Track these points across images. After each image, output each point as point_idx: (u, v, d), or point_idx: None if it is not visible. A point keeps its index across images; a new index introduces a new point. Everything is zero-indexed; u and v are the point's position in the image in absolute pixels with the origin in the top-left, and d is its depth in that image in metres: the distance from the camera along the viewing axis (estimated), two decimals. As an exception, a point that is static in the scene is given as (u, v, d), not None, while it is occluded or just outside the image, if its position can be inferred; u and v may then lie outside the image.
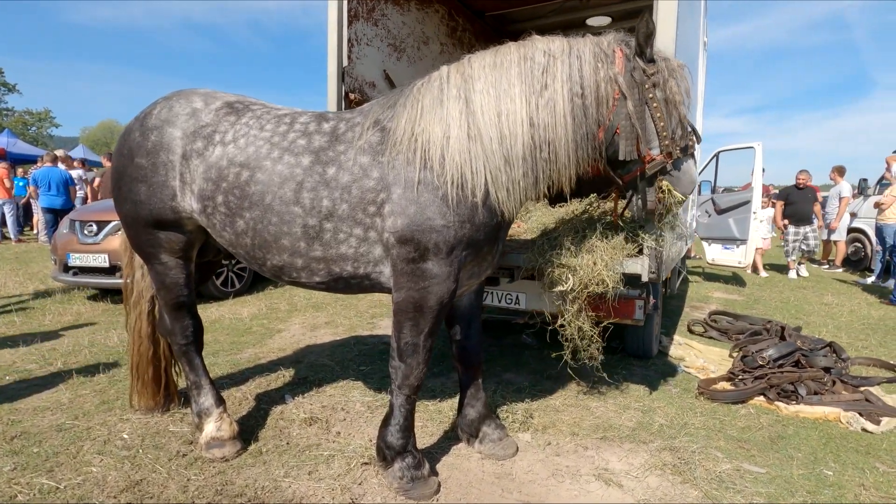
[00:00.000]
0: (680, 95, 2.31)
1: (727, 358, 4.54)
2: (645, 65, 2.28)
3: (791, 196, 9.34)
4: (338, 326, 5.41)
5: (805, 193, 9.27)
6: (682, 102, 2.33)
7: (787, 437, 3.10)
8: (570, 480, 2.62)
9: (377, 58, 4.42)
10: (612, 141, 2.34)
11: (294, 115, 2.56)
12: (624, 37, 2.37)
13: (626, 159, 2.34)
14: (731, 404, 3.53)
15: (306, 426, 3.11)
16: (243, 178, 2.41)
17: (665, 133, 2.30)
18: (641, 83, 2.28)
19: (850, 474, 2.70)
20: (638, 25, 2.25)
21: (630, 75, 2.28)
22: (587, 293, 2.87)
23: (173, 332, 2.82)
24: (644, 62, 2.29)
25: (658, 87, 2.28)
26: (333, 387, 3.74)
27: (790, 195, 9.36)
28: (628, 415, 3.36)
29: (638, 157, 2.33)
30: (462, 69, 2.38)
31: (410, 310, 2.35)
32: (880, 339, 5.24)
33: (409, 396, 2.47)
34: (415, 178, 2.23)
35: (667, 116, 2.30)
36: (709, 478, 2.63)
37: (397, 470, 2.44)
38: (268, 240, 2.43)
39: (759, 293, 7.65)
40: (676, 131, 2.33)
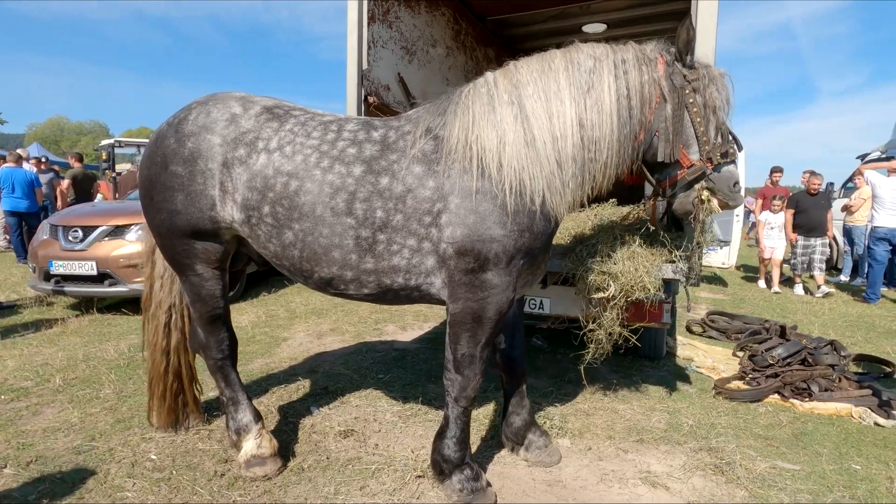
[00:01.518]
0: (720, 101, 2.34)
1: (731, 357, 4.70)
2: (686, 70, 2.33)
3: (802, 203, 8.18)
4: (344, 333, 5.30)
5: (818, 200, 8.17)
6: (722, 109, 2.36)
7: (808, 433, 3.24)
8: (618, 485, 2.65)
9: (391, 60, 4.36)
10: (650, 143, 2.37)
11: (340, 121, 2.49)
12: (665, 45, 2.42)
13: (665, 161, 2.35)
14: (748, 403, 3.66)
15: (341, 439, 3.03)
16: (292, 188, 2.31)
17: (705, 138, 2.33)
18: (682, 88, 2.31)
19: (877, 468, 2.84)
20: (679, 32, 2.31)
21: (671, 79, 2.31)
22: (627, 299, 2.91)
23: (208, 347, 2.69)
24: (685, 68, 2.34)
25: (698, 93, 2.32)
26: (357, 397, 3.66)
27: (800, 202, 8.20)
28: (656, 416, 3.43)
29: (676, 160, 2.35)
30: (510, 75, 2.36)
31: (469, 321, 2.31)
32: (864, 336, 5.55)
33: (466, 408, 2.44)
34: (472, 186, 2.19)
35: (706, 122, 2.33)
36: (750, 477, 2.71)
37: (456, 482, 2.40)
38: (318, 252, 2.34)
39: (743, 293, 7.98)
40: (717, 137, 2.36)
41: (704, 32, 2.87)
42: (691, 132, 2.33)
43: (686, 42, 2.31)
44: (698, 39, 2.80)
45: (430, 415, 3.37)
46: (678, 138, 2.33)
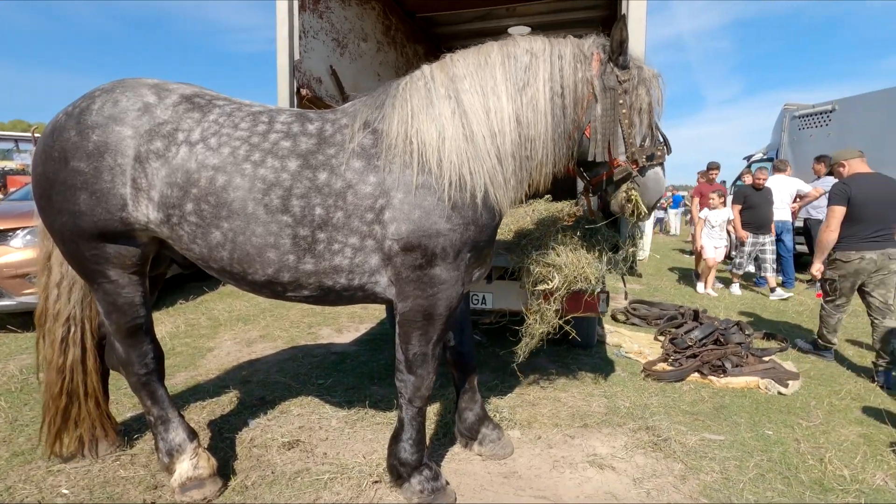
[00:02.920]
0: (650, 103, 2.37)
1: (653, 341, 5.06)
2: (619, 70, 2.33)
3: (750, 198, 7.65)
4: (276, 339, 5.01)
5: (765, 195, 7.66)
6: (652, 111, 2.40)
7: (727, 406, 3.56)
8: (569, 470, 2.73)
9: (323, 52, 4.17)
10: (581, 142, 2.38)
11: (271, 112, 2.32)
12: (604, 41, 2.39)
13: (594, 161, 2.36)
14: (674, 382, 3.96)
15: (286, 450, 2.85)
16: (219, 184, 2.12)
17: (632, 140, 2.35)
18: (613, 88, 2.31)
19: (784, 431, 3.19)
20: (613, 32, 2.29)
21: (603, 79, 2.31)
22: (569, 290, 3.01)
23: (129, 362, 2.40)
24: (618, 68, 2.33)
25: (629, 94, 2.33)
26: (298, 405, 3.47)
27: (748, 197, 7.68)
28: (596, 401, 3.59)
29: (605, 160, 2.36)
30: (446, 69, 2.31)
31: (419, 319, 2.26)
32: (758, 317, 6.23)
33: (420, 409, 2.39)
34: (415, 181, 2.13)
35: (634, 123, 2.35)
36: (684, 450, 2.92)
37: (416, 484, 2.35)
38: (250, 253, 2.17)
39: (656, 282, 8.63)
40: (645, 139, 2.40)
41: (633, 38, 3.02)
42: (620, 133, 2.34)
43: (620, 42, 2.30)
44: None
45: (377, 418, 3.28)
46: (606, 138, 2.33)
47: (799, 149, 9.93)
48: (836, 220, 4.36)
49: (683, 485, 2.60)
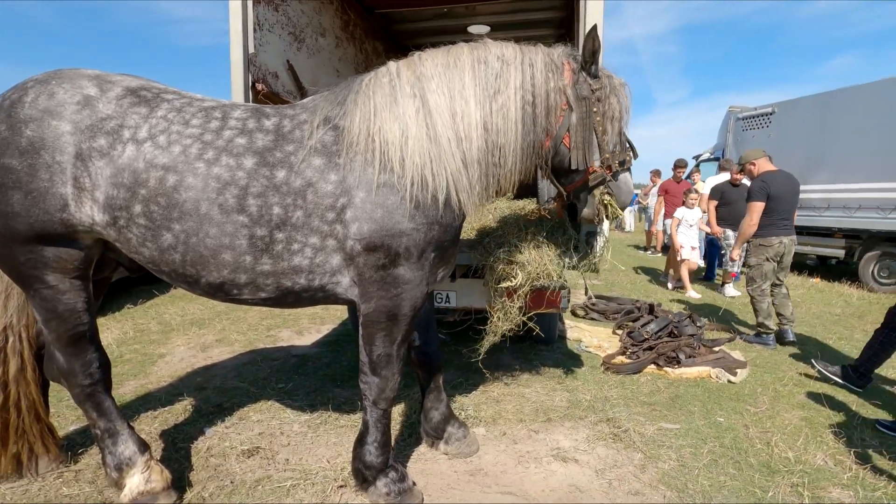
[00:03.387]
0: (621, 112, 2.44)
1: (612, 335, 5.21)
2: (591, 80, 2.38)
3: (727, 194, 7.54)
4: (233, 343, 4.83)
5: (741, 191, 7.31)
6: (622, 119, 2.46)
7: (681, 395, 3.71)
8: (534, 465, 2.77)
9: (280, 46, 4.05)
10: (558, 150, 2.41)
11: (224, 108, 2.22)
12: (571, 51, 2.44)
13: (575, 168, 2.41)
14: (632, 374, 4.08)
15: (246, 458, 2.75)
16: (170, 184, 2.02)
17: (605, 147, 2.41)
18: (587, 97, 2.36)
19: (734, 418, 3.35)
20: (585, 41, 2.35)
21: (576, 89, 2.35)
22: (532, 287, 3.05)
23: (72, 373, 2.25)
24: (590, 77, 2.39)
25: (601, 102, 2.38)
26: (257, 411, 3.36)
27: (725, 193, 7.57)
28: (558, 396, 3.66)
29: (582, 168, 2.40)
30: (413, 67, 2.28)
31: (383, 319, 2.23)
32: (708, 310, 6.53)
33: (385, 410, 2.35)
34: (377, 180, 2.09)
35: (607, 131, 2.41)
36: (643, 440, 3.02)
37: (382, 487, 2.31)
38: (204, 255, 2.07)
39: (613, 278, 8.89)
40: (616, 146, 2.45)
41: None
42: (595, 141, 2.38)
43: (592, 52, 2.34)
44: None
45: (341, 421, 3.22)
46: (582, 146, 2.37)
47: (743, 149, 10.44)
48: (758, 213, 5.00)
49: (643, 474, 2.68)
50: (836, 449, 2.97)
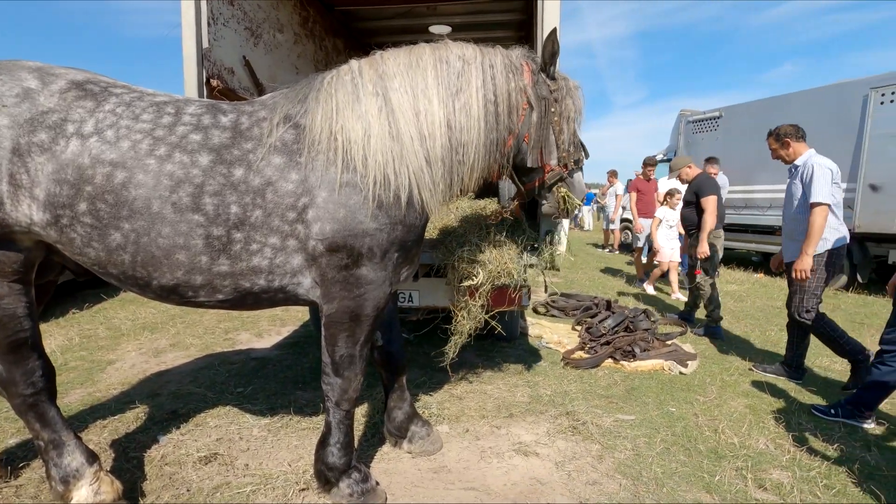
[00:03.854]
0: (576, 113, 2.54)
1: (571, 331, 5.35)
2: (549, 81, 2.47)
3: None
4: (188, 348, 4.67)
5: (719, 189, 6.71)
6: (577, 119, 2.56)
7: (637, 388, 3.85)
8: (496, 460, 2.82)
9: (235, 41, 3.94)
10: (520, 149, 2.48)
11: (178, 103, 2.16)
12: (529, 53, 2.52)
13: (533, 167, 2.50)
14: (590, 369, 4.21)
15: (203, 465, 2.68)
16: (118, 181, 1.94)
17: (563, 146, 2.50)
18: (545, 98, 2.44)
19: (685, 407, 3.51)
20: (544, 44, 2.43)
21: (536, 89, 2.43)
22: (494, 285, 3.10)
23: (12, 382, 2.12)
24: (548, 78, 2.47)
25: (559, 103, 2.47)
26: (215, 416, 3.26)
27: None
28: (520, 391, 3.74)
29: (541, 166, 2.50)
30: (375, 65, 2.28)
31: (346, 320, 2.22)
32: (662, 306, 6.80)
33: (348, 411, 2.34)
34: (339, 179, 2.08)
35: (565, 130, 2.50)
36: (600, 432, 3.12)
37: (345, 488, 2.30)
38: (156, 255, 2.01)
39: (573, 275, 9.12)
40: (571, 145, 2.55)
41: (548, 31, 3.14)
42: (552, 140, 2.47)
43: (551, 55, 2.42)
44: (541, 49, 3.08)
45: (302, 423, 3.17)
46: (541, 145, 2.45)
47: (693, 150, 10.93)
48: (715, 206, 5.40)
49: (600, 464, 2.78)
50: (776, 433, 3.17)
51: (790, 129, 4.08)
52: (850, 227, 7.72)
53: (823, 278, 3.83)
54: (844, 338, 3.84)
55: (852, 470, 2.71)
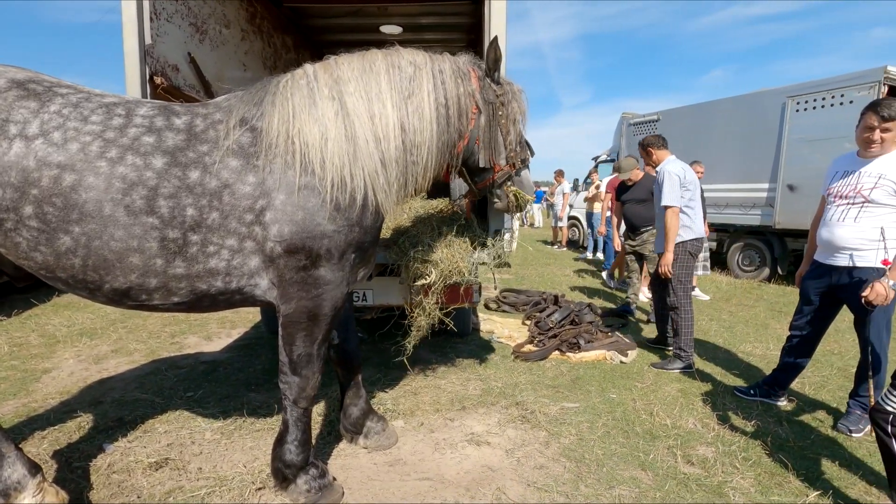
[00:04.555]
0: (521, 115, 2.72)
1: (521, 325, 5.58)
2: (495, 86, 2.62)
3: None
4: (132, 353, 4.50)
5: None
6: (522, 121, 2.74)
7: (581, 377, 4.09)
8: (450, 451, 2.94)
9: (180, 37, 3.83)
10: (471, 151, 2.63)
11: (128, 104, 2.13)
12: (474, 59, 2.65)
13: (484, 167, 2.66)
14: (539, 361, 4.42)
15: (154, 471, 2.64)
16: (67, 183, 1.91)
17: (510, 147, 2.68)
18: (492, 102, 2.60)
19: (625, 394, 3.78)
20: (487, 52, 2.58)
21: (483, 94, 2.57)
22: (446, 284, 3.22)
23: (-56, 393, 2.03)
24: (494, 83, 2.62)
25: (505, 106, 2.64)
26: (164, 422, 3.20)
27: None
28: (472, 385, 3.88)
29: (490, 166, 2.67)
30: (330, 70, 2.34)
31: (304, 320, 2.27)
32: (608, 298, 7.18)
33: (306, 409, 2.38)
34: (298, 182, 2.13)
35: (511, 132, 2.67)
36: (547, 419, 3.32)
37: (302, 484, 2.35)
38: (109, 259, 1.98)
39: (523, 272, 9.42)
40: (517, 145, 2.73)
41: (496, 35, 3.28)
42: (500, 141, 2.63)
43: (495, 60, 2.57)
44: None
45: (257, 425, 3.17)
46: (491, 146, 2.62)
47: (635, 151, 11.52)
48: None
49: (547, 449, 2.96)
50: (703, 413, 3.48)
51: (653, 139, 4.68)
52: (771, 223, 8.50)
53: (688, 268, 4.33)
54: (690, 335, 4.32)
55: (766, 443, 3.03)
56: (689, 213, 4.32)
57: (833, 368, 4.32)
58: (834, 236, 3.10)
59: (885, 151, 2.98)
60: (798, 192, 8.07)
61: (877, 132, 2.91)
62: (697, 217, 4.38)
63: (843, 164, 3.20)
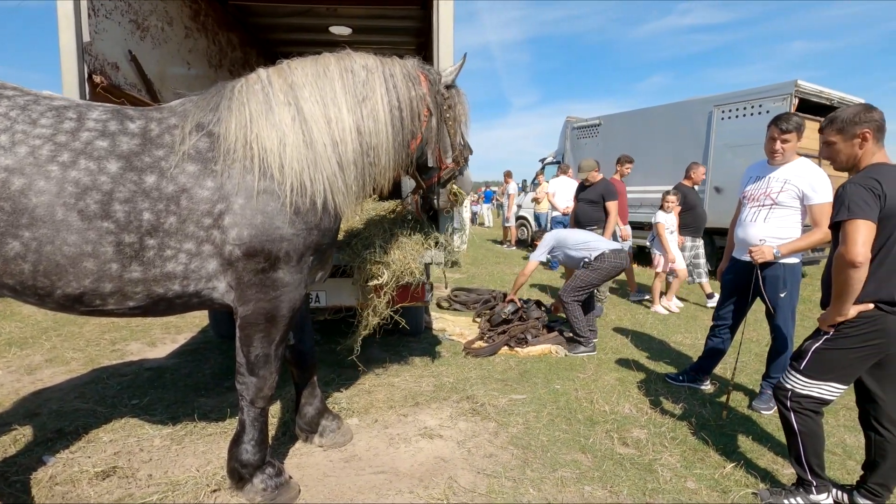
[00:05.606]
0: (465, 117, 2.94)
1: (472, 323, 5.76)
2: (443, 89, 2.81)
3: (690, 198, 6.88)
4: (69, 362, 4.30)
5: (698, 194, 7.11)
6: (465, 123, 2.97)
7: (529, 370, 4.31)
8: (404, 445, 3.05)
9: (119, 35, 3.71)
10: (422, 150, 2.80)
11: (80, 108, 2.10)
12: (422, 64, 2.79)
13: (433, 166, 2.87)
14: (489, 356, 4.61)
15: (101, 481, 2.58)
16: (16, 187, 1.87)
17: (456, 146, 2.92)
18: (440, 104, 2.78)
19: (568, 384, 4.02)
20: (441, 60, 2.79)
21: (434, 97, 2.74)
22: (398, 284, 3.33)
23: None
24: (442, 87, 2.80)
25: (452, 109, 2.84)
26: (109, 431, 3.12)
27: (688, 196, 6.86)
28: (425, 381, 4.01)
29: (440, 165, 2.89)
30: (284, 75, 2.38)
31: (261, 321, 2.31)
32: (552, 293, 7.50)
33: (263, 409, 2.43)
34: (257, 186, 2.17)
35: (457, 133, 2.90)
36: (496, 411, 3.49)
37: (258, 483, 2.38)
38: (61, 264, 1.96)
39: (474, 270, 9.64)
40: (461, 146, 2.97)
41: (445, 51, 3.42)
42: (448, 141, 2.84)
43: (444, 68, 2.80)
44: (441, 56, 3.35)
45: (209, 429, 3.15)
46: (441, 146, 2.82)
47: (579, 154, 12.04)
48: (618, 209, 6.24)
49: (496, 438, 3.13)
50: (638, 399, 3.77)
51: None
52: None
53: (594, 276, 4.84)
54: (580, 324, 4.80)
55: (692, 423, 3.35)
56: None
57: (751, 354, 4.78)
58: (747, 235, 3.46)
59: (789, 160, 3.37)
60: (724, 194, 8.75)
61: (778, 143, 3.32)
62: None
63: (756, 171, 3.59)
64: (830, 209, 2.36)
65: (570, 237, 5.18)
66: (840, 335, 2.28)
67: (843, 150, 2.32)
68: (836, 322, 2.27)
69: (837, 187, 2.27)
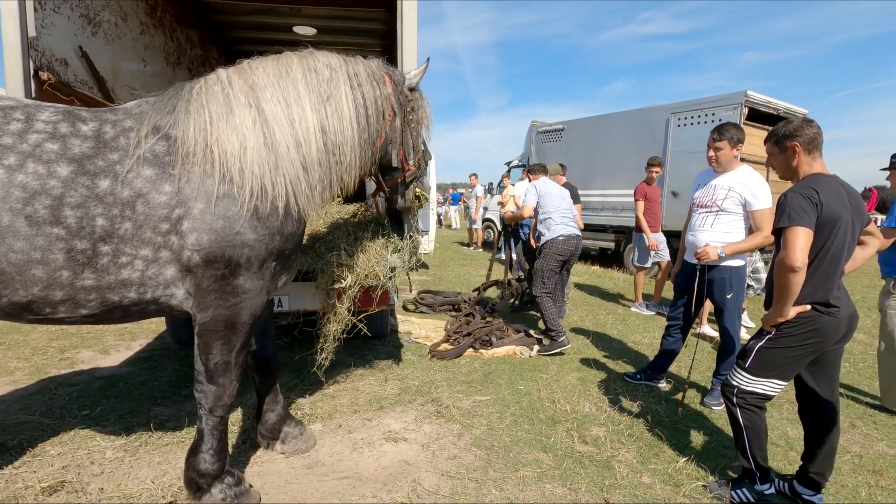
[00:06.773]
0: (427, 121, 2.94)
1: (438, 326, 5.78)
2: (407, 91, 2.81)
3: None
4: (12, 372, 4.08)
5: None
6: (428, 127, 2.97)
7: (493, 371, 4.38)
8: (368, 449, 3.05)
9: (69, 29, 3.55)
10: (386, 150, 2.77)
11: (28, 108, 2.02)
12: (386, 64, 2.78)
13: (396, 166, 2.83)
14: (454, 359, 4.65)
15: (48, 496, 2.47)
16: None
17: (419, 148, 2.91)
18: (404, 106, 2.78)
19: (532, 385, 4.10)
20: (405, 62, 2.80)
21: (398, 98, 2.73)
22: (361, 287, 3.32)
23: None
24: (405, 89, 2.80)
25: (415, 111, 2.84)
26: (56, 444, 2.98)
27: None
28: (390, 385, 4.01)
29: (402, 166, 2.86)
30: (245, 76, 2.33)
31: (221, 328, 2.26)
32: (518, 296, 7.62)
33: (222, 417, 2.37)
34: (217, 191, 2.12)
35: (420, 135, 2.90)
36: (461, 413, 3.53)
37: (217, 493, 2.33)
38: (8, 271, 1.87)
39: (441, 273, 9.68)
40: (423, 148, 2.98)
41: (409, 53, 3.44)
42: (410, 143, 2.84)
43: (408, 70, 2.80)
44: (405, 58, 3.37)
45: (165, 439, 3.06)
46: (404, 147, 2.81)
47: (544, 158, 12.26)
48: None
49: (460, 440, 3.17)
50: (598, 398, 3.89)
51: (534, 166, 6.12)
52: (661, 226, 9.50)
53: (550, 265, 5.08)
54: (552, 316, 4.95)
55: (648, 420, 3.48)
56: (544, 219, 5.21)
57: (704, 352, 5.00)
58: (696, 239, 3.63)
59: (731, 167, 3.58)
60: (680, 198, 9.09)
61: (711, 150, 3.58)
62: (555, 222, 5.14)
63: (704, 178, 3.77)
64: (771, 214, 2.52)
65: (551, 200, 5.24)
66: (781, 335, 2.43)
67: (779, 161, 2.50)
68: (778, 322, 2.42)
69: (780, 195, 2.42)
